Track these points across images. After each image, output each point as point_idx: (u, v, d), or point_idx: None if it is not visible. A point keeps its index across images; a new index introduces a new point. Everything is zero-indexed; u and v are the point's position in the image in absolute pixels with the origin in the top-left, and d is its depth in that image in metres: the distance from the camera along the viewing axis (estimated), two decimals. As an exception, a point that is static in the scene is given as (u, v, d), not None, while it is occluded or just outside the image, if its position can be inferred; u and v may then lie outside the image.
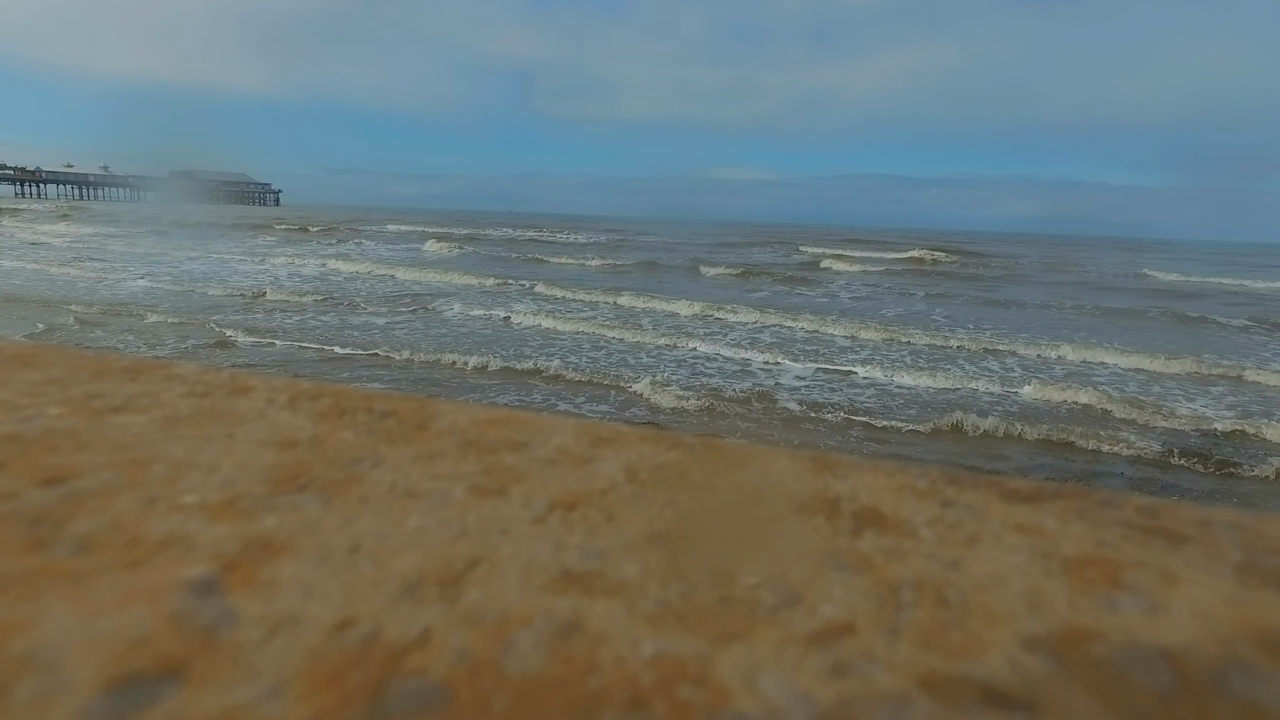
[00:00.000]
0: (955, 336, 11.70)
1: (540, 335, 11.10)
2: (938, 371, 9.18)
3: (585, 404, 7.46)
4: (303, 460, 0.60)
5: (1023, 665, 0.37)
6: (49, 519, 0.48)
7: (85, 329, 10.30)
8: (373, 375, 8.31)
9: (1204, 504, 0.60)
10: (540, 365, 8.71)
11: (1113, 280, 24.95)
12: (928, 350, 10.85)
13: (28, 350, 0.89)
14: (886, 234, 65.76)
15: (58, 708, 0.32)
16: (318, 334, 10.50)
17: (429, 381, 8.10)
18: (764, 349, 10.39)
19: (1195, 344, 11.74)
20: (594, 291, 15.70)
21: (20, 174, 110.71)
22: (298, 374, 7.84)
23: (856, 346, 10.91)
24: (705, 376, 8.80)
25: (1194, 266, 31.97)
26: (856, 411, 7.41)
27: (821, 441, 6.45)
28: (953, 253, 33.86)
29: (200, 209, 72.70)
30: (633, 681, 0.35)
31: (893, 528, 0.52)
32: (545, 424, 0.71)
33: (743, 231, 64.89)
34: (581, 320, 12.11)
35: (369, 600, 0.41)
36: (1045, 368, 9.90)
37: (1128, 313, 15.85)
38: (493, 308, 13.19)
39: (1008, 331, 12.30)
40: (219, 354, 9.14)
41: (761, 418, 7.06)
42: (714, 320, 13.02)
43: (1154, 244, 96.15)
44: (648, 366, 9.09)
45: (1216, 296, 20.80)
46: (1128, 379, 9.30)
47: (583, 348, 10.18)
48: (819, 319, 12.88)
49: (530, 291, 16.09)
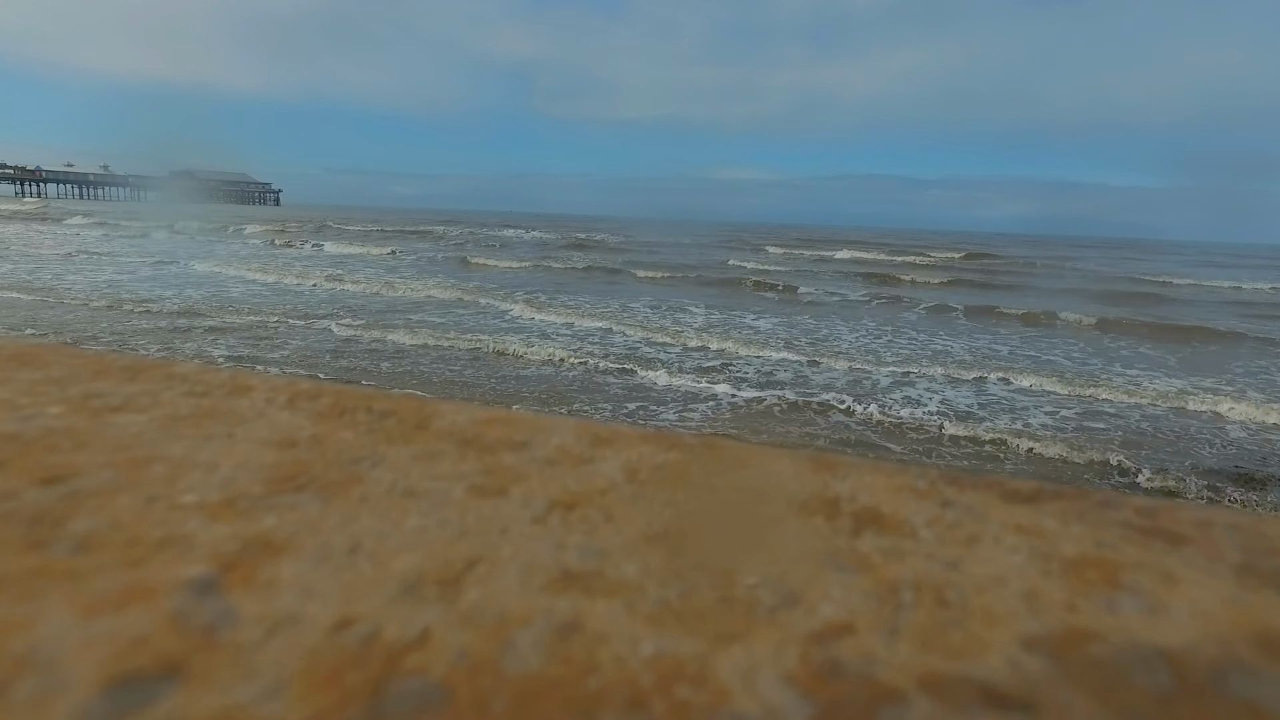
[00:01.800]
0: (772, 345, 10.32)
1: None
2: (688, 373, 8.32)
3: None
4: (302, 460, 0.60)
5: (1022, 666, 0.37)
6: (48, 518, 0.48)
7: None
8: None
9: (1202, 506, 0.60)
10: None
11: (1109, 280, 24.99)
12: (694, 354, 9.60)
13: (28, 349, 0.89)
14: (885, 235, 65.75)
15: (57, 706, 0.32)
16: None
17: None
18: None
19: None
20: (472, 290, 14.83)
21: (20, 173, 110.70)
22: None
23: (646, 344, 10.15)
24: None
25: (1178, 267, 32.33)
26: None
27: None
28: (900, 251, 34.16)
29: (197, 208, 72.76)
30: (632, 681, 0.35)
31: (892, 528, 0.52)
32: (545, 424, 0.71)
33: (726, 231, 65.12)
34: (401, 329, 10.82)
35: (368, 600, 0.41)
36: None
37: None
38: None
39: (861, 345, 11.06)
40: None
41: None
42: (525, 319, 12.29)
43: (1153, 245, 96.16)
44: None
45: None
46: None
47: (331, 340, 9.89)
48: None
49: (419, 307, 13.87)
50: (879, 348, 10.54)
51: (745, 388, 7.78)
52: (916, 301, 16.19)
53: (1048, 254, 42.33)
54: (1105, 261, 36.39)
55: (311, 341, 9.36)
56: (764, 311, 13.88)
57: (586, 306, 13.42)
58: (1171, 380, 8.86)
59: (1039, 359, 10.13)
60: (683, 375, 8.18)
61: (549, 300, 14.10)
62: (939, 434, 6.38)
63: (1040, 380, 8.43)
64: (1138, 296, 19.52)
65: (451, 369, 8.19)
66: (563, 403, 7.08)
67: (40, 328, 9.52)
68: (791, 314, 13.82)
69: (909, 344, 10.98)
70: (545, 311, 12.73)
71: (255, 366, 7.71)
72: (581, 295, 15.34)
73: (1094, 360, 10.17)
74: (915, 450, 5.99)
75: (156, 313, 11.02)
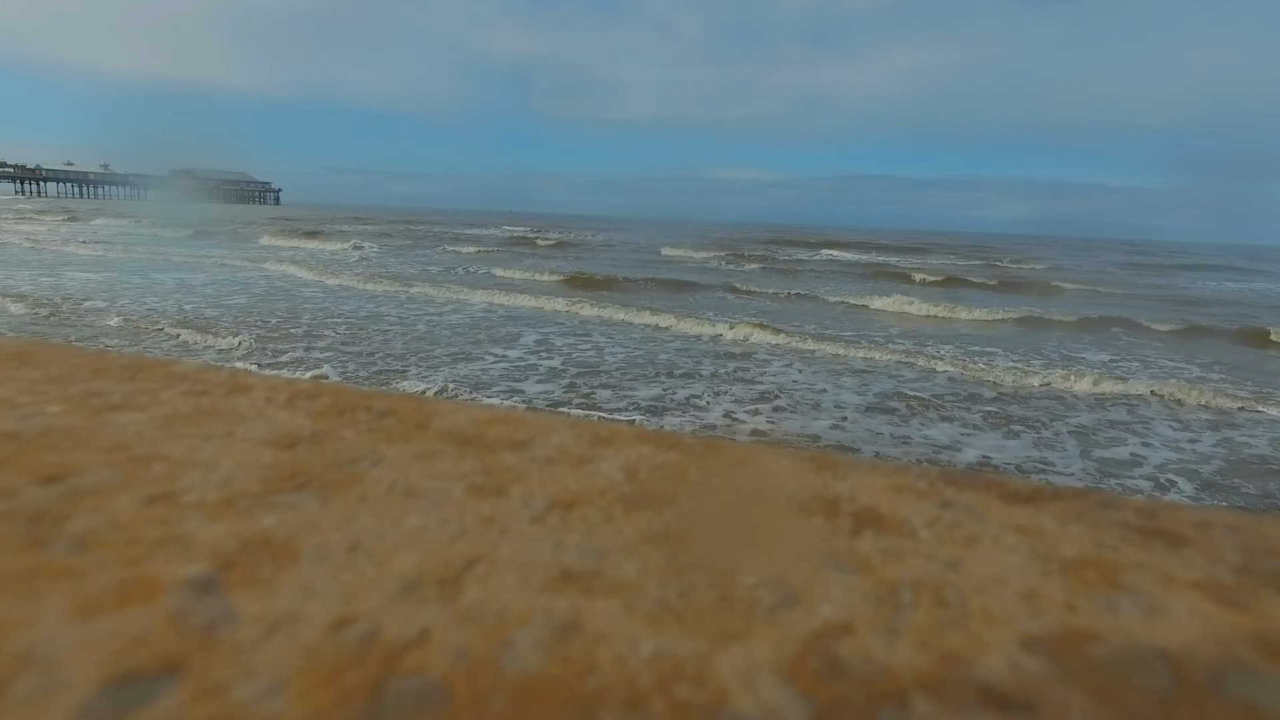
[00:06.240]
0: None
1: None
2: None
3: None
4: (302, 459, 0.60)
5: (1021, 666, 0.37)
6: (47, 517, 0.48)
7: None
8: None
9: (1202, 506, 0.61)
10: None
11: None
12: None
13: (27, 348, 0.89)
14: (882, 235, 66.09)
15: (56, 705, 0.32)
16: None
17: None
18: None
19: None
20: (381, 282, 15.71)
21: (20, 172, 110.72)
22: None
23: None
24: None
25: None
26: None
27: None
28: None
29: (195, 207, 72.80)
30: (631, 681, 0.35)
31: (891, 528, 0.52)
32: (544, 423, 0.71)
33: (714, 231, 65.68)
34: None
35: (367, 599, 0.41)
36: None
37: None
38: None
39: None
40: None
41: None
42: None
43: (1149, 246, 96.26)
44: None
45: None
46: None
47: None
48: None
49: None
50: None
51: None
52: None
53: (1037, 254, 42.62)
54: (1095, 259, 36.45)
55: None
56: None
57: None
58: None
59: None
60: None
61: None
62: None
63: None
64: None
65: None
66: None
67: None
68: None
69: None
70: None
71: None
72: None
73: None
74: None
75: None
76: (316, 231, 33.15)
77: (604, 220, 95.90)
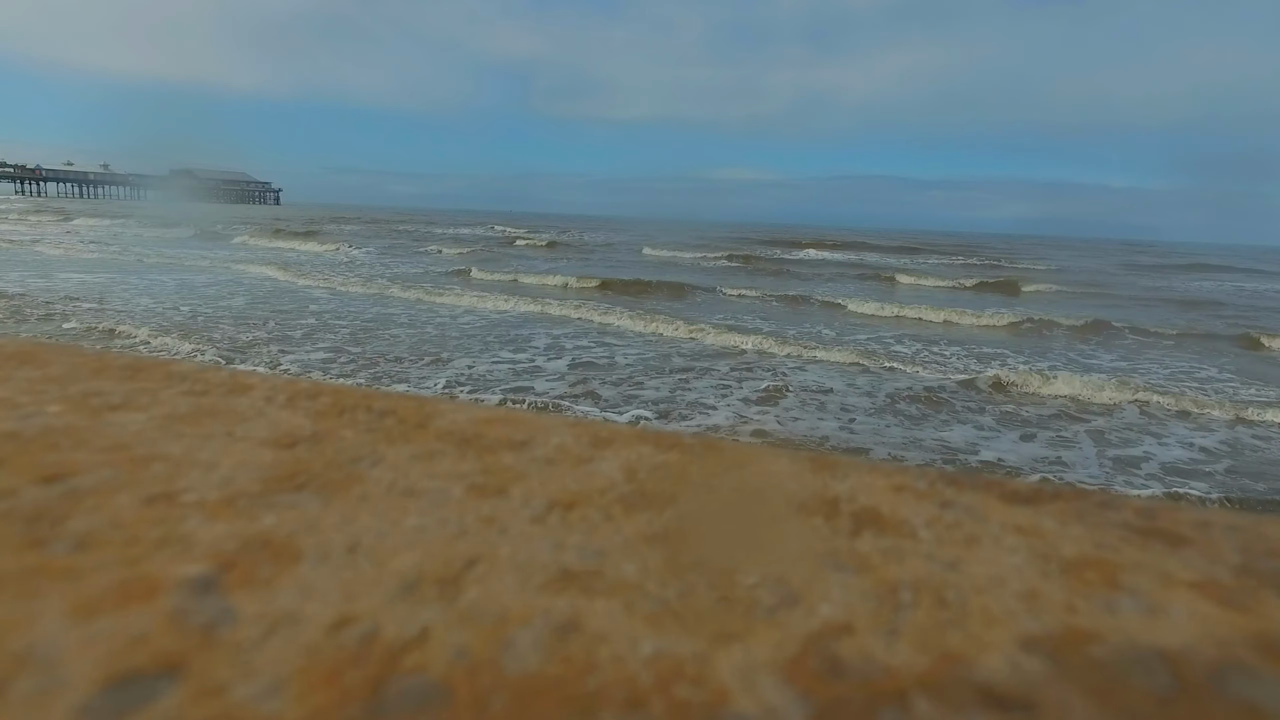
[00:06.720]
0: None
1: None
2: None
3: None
4: (302, 459, 0.60)
5: (1021, 666, 0.37)
6: (47, 516, 0.48)
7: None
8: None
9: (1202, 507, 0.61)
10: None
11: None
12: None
13: (27, 348, 0.89)
14: (877, 235, 66.26)
15: (56, 705, 0.32)
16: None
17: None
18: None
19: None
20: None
21: (20, 172, 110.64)
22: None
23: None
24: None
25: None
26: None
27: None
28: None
29: (194, 207, 72.73)
30: (631, 681, 0.35)
31: (891, 528, 0.52)
32: (544, 424, 0.71)
33: (708, 230, 65.70)
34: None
35: (367, 599, 0.41)
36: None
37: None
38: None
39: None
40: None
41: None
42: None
43: (1148, 246, 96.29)
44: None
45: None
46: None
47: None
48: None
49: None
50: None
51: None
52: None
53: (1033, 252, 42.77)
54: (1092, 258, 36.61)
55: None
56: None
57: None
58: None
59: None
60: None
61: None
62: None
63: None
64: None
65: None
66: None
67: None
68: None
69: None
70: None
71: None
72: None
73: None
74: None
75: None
76: (311, 232, 33.37)
77: (604, 220, 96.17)
